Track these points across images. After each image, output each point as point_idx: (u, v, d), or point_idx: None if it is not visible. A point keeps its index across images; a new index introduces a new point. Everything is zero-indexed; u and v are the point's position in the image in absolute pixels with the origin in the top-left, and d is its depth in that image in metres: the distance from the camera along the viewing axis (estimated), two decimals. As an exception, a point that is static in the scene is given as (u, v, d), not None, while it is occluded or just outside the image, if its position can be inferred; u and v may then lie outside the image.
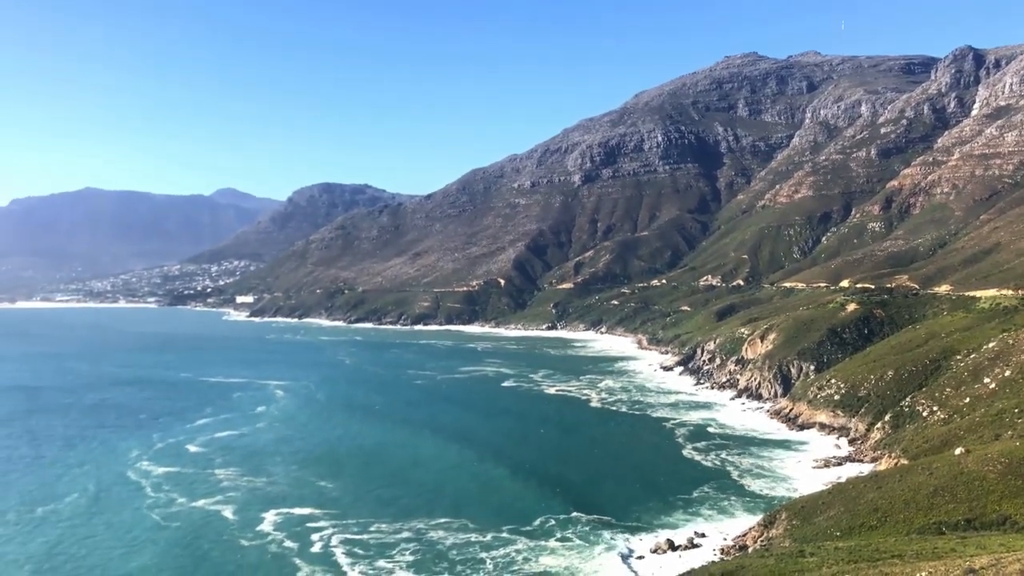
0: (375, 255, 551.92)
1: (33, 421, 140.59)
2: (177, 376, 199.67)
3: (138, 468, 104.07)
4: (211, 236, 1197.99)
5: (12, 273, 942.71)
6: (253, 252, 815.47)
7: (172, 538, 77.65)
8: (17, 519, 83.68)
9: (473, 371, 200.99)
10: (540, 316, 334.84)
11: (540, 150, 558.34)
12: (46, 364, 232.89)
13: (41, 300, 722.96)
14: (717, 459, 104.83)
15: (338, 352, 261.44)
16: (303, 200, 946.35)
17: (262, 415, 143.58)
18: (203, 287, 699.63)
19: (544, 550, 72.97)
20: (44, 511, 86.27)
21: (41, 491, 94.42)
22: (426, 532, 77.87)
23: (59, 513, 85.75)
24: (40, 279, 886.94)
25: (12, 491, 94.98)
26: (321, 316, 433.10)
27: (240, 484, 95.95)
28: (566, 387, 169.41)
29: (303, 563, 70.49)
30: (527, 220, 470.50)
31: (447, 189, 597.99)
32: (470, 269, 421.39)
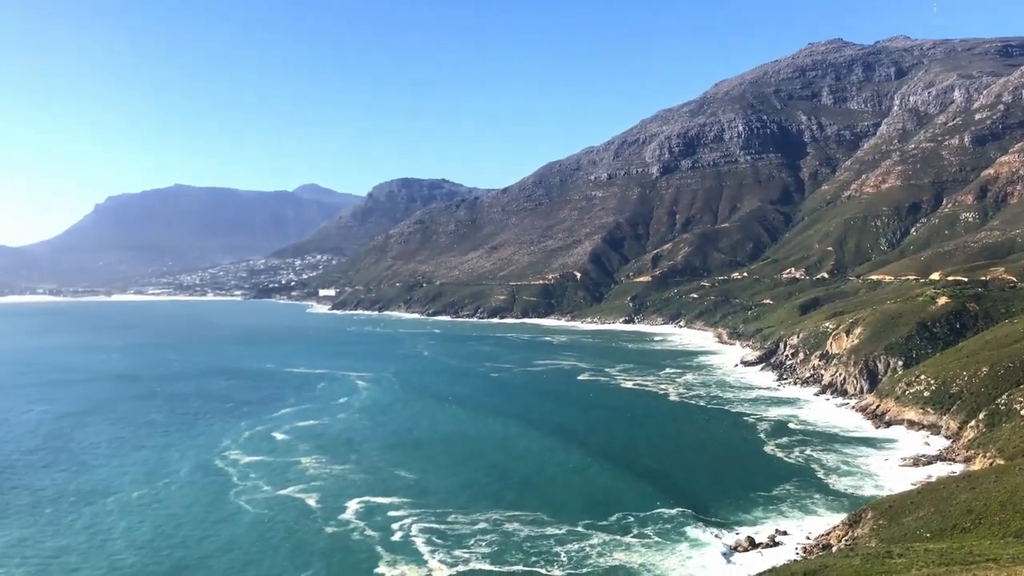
0: (452, 249, 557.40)
1: (130, 408, 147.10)
2: (263, 367, 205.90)
3: (226, 455, 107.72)
4: (295, 231, 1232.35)
5: (108, 267, 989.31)
6: (335, 246, 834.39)
7: (258, 524, 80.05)
8: (115, 502, 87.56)
9: (549, 364, 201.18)
10: (617, 309, 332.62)
11: (617, 142, 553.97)
12: (142, 355, 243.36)
13: (135, 293, 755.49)
14: (800, 456, 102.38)
15: (416, 344, 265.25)
16: (382, 195, 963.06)
17: (344, 405, 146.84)
18: (287, 280, 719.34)
19: (619, 545, 72.62)
20: (139, 495, 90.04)
21: (136, 476, 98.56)
22: (502, 523, 78.43)
23: (152, 497, 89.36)
24: (134, 273, 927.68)
25: (110, 475, 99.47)
26: (400, 309, 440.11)
27: (323, 472, 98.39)
28: (643, 381, 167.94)
29: (384, 551, 71.90)
30: (604, 213, 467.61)
31: (523, 183, 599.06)
32: (546, 262, 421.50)
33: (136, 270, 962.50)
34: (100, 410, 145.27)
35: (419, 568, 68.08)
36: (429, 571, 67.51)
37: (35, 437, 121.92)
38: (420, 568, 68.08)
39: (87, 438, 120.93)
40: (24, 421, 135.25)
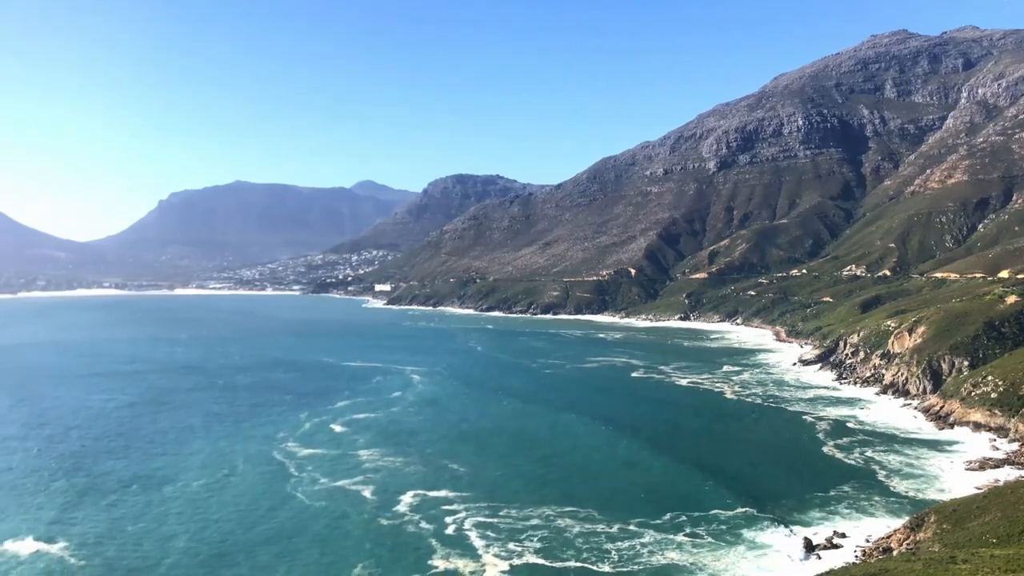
0: (506, 245, 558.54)
1: (193, 399, 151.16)
2: (320, 360, 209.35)
3: (283, 447, 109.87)
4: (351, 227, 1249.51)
5: (171, 262, 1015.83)
6: (390, 242, 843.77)
7: (313, 515, 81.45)
8: (174, 491, 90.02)
9: (602, 361, 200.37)
10: (672, 306, 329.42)
11: (673, 137, 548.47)
12: (205, 347, 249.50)
13: (196, 287, 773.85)
14: (859, 457, 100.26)
15: (469, 340, 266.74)
16: (437, 192, 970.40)
17: (399, 399, 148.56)
18: (344, 276, 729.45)
19: (671, 544, 72.17)
20: (199, 484, 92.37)
21: (197, 465, 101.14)
22: (554, 519, 78.57)
23: (210, 487, 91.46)
24: (195, 267, 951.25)
25: (172, 464, 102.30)
26: (454, 304, 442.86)
27: (379, 465, 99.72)
28: (698, 379, 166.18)
29: (438, 544, 72.65)
30: (659, 208, 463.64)
31: (577, 178, 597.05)
32: (600, 258, 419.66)
33: (198, 265, 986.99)
34: (165, 400, 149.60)
35: (473, 561, 68.62)
36: (482, 565, 68.00)
37: (107, 424, 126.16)
38: (474, 561, 68.62)
39: (152, 427, 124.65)
40: (99, 409, 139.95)
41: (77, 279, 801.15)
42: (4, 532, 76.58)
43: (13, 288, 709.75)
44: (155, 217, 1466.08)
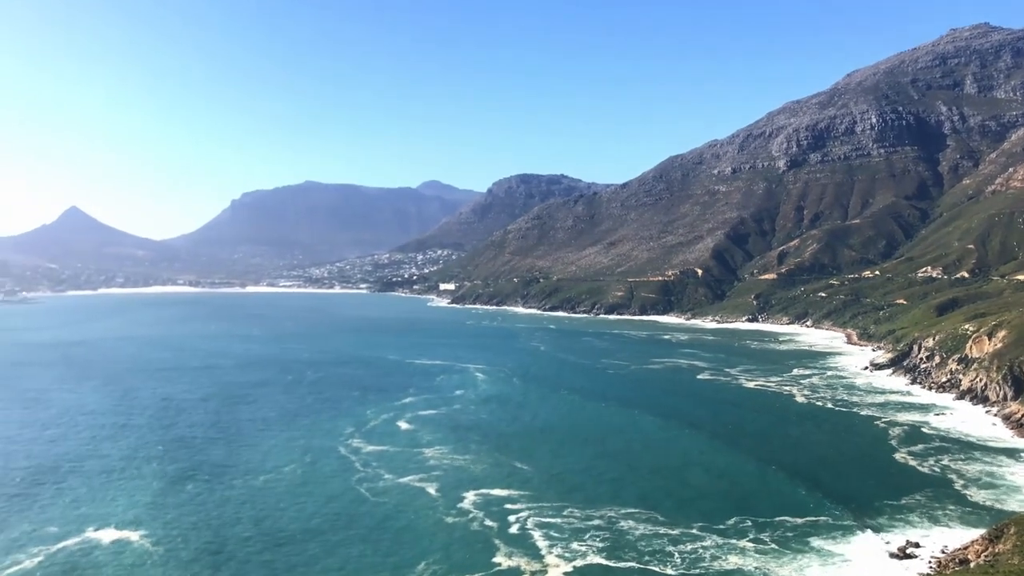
0: (570, 244, 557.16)
1: (262, 394, 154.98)
2: (386, 357, 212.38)
3: (349, 443, 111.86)
4: (417, 226, 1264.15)
5: (244, 260, 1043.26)
6: (455, 242, 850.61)
7: (378, 510, 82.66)
8: (243, 484, 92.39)
9: (667, 362, 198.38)
10: (740, 307, 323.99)
11: (742, 135, 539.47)
12: (276, 344, 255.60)
13: (267, 285, 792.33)
14: (934, 465, 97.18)
15: (532, 339, 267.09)
16: (501, 191, 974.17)
17: (463, 397, 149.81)
18: (409, 275, 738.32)
19: (734, 549, 71.19)
20: (265, 479, 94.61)
21: (264, 460, 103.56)
22: (617, 521, 78.27)
23: (278, 481, 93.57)
24: (266, 266, 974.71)
25: (239, 457, 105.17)
26: (517, 304, 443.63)
27: (443, 462, 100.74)
28: (766, 382, 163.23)
29: (502, 543, 73.07)
30: (727, 208, 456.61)
31: (643, 177, 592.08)
32: (666, 258, 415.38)
33: (269, 263, 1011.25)
34: (237, 394, 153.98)
35: (536, 561, 68.82)
36: (545, 565, 68.14)
37: (183, 417, 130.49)
38: (537, 561, 68.82)
39: (224, 420, 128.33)
40: (178, 402, 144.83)
41: (153, 276, 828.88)
42: (87, 519, 79.92)
43: (94, 285, 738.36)
44: (228, 216, 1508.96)
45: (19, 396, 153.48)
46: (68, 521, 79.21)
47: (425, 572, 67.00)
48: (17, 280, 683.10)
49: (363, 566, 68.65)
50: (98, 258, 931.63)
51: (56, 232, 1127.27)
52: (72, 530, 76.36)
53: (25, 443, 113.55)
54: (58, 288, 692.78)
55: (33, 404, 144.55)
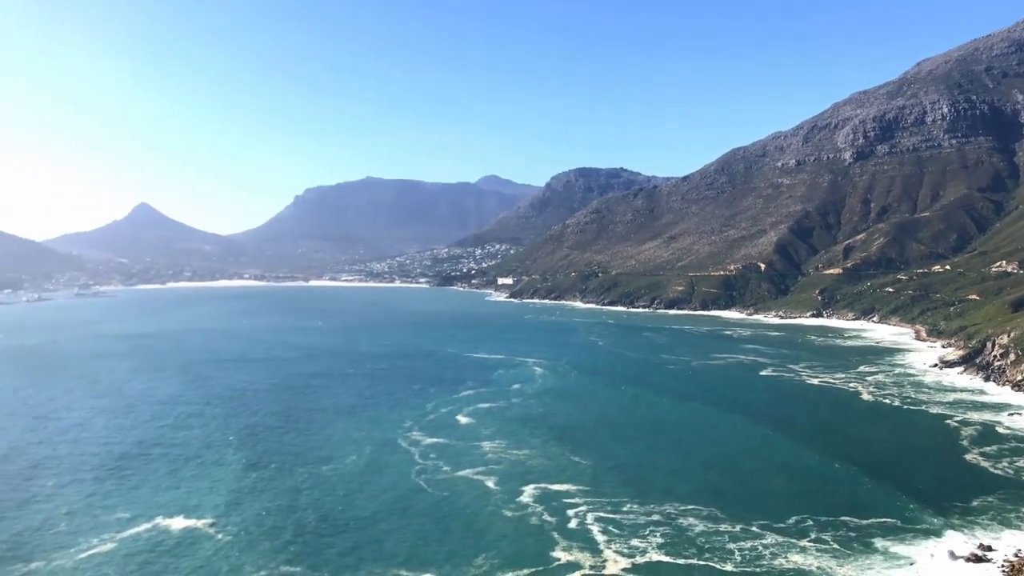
0: (629, 238, 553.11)
1: (324, 385, 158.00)
2: (445, 351, 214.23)
3: (409, 435, 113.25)
4: (476, 221, 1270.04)
5: (307, 255, 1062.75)
6: (513, 236, 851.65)
7: (437, 503, 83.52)
8: (307, 473, 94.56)
9: (728, 358, 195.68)
10: (803, 303, 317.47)
11: (806, 127, 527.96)
12: (338, 337, 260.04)
13: (329, 279, 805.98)
14: (1008, 466, 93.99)
15: (591, 334, 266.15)
16: (560, 185, 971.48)
17: (521, 391, 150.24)
18: (468, 269, 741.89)
19: (795, 548, 70.13)
20: (327, 469, 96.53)
21: (326, 450, 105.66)
22: (676, 517, 77.76)
23: (339, 472, 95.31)
24: (329, 260, 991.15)
25: (301, 447, 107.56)
26: (575, 298, 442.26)
27: (501, 456, 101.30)
28: (830, 379, 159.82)
29: (561, 537, 73.22)
30: (791, 201, 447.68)
31: (705, 170, 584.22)
32: (727, 252, 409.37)
33: (331, 257, 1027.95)
34: (301, 385, 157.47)
35: (594, 556, 68.83)
36: (604, 560, 68.11)
37: (250, 407, 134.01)
38: (595, 556, 68.82)
39: (288, 411, 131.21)
40: (248, 392, 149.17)
41: (220, 270, 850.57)
42: (158, 506, 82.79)
43: (163, 279, 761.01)
44: (291, 212, 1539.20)
45: (96, 385, 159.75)
46: (140, 507, 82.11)
47: (484, 564, 67.55)
48: (91, 274, 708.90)
49: (422, 556, 69.52)
50: (167, 253, 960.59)
51: (127, 228, 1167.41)
52: (143, 516, 79.12)
53: (100, 431, 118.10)
54: (129, 282, 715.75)
55: (110, 393, 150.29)
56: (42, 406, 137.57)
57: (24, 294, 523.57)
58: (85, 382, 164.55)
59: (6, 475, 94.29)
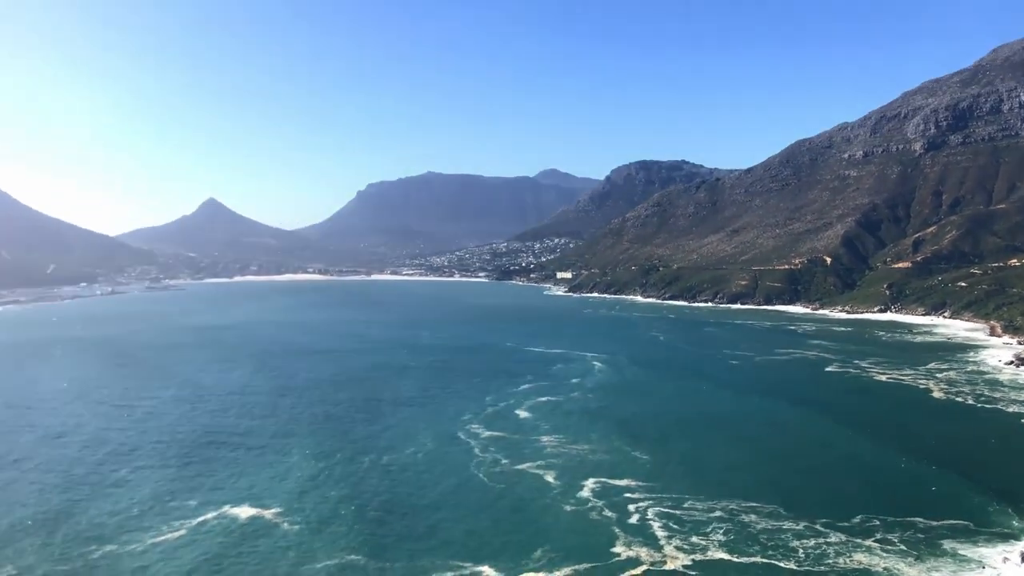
0: (691, 232, 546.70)
1: (386, 377, 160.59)
2: (504, 345, 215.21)
3: (468, 428, 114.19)
4: (535, 215, 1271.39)
5: (369, 249, 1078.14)
6: (572, 230, 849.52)
7: (497, 496, 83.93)
8: (369, 464, 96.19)
9: (792, 353, 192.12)
10: (871, 297, 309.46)
11: (874, 117, 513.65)
12: (400, 330, 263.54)
13: (390, 273, 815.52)
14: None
15: (651, 328, 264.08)
16: (620, 179, 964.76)
17: (580, 385, 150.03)
18: (526, 263, 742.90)
19: (860, 547, 68.69)
20: (388, 460, 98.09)
21: (388, 442, 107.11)
22: (738, 513, 76.89)
23: (399, 463, 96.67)
24: (390, 255, 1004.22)
25: (362, 438, 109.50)
26: (635, 293, 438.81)
27: (561, 450, 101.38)
28: (899, 375, 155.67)
29: (621, 532, 73.05)
30: (858, 194, 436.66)
31: (768, 162, 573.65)
32: (792, 246, 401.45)
33: (392, 252, 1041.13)
34: (364, 377, 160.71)
35: (655, 552, 68.53)
36: (664, 556, 67.77)
37: (315, 397, 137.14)
38: (656, 552, 68.51)
39: (350, 402, 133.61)
40: (311, 382, 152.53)
41: (285, 264, 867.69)
42: (228, 494, 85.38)
43: (230, 272, 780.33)
44: (354, 207, 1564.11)
45: (170, 376, 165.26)
46: (210, 495, 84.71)
47: (542, 558, 67.75)
48: (161, 268, 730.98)
49: (480, 547, 70.03)
50: (234, 247, 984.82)
51: (196, 223, 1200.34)
52: (212, 503, 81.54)
53: (173, 420, 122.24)
54: (197, 276, 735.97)
55: (183, 383, 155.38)
56: (120, 396, 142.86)
57: (99, 287, 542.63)
58: (160, 372, 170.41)
59: (87, 461, 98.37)
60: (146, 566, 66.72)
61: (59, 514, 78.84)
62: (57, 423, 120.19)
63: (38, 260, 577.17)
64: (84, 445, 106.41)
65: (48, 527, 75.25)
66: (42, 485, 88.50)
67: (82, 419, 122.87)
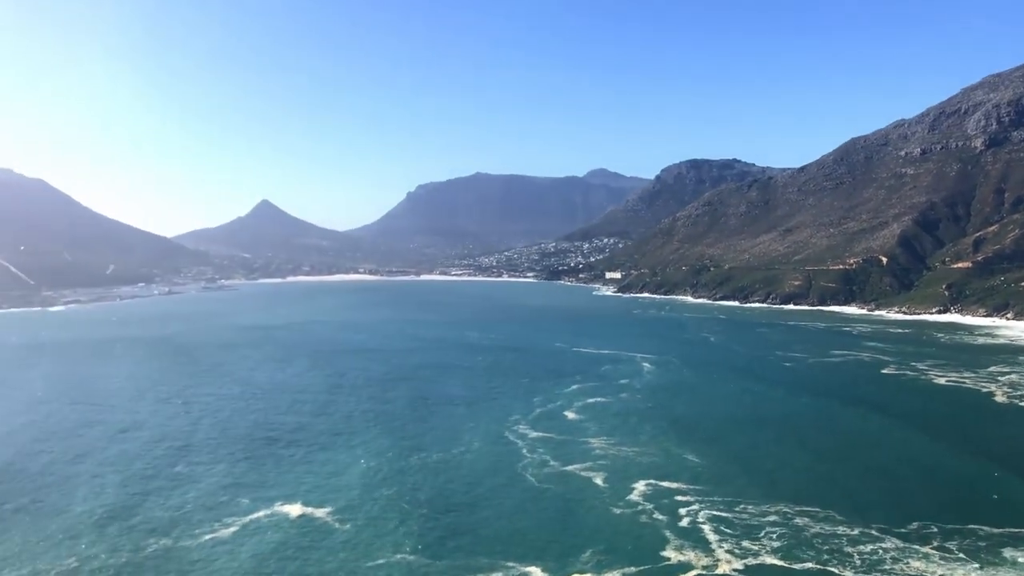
0: (742, 231, 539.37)
1: (434, 376, 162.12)
2: (552, 345, 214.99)
3: (516, 429, 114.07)
4: (583, 215, 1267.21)
5: (418, 250, 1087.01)
6: (621, 230, 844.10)
7: (543, 497, 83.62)
8: (419, 462, 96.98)
9: (847, 355, 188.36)
10: (929, 298, 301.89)
11: (933, 113, 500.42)
12: (448, 329, 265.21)
13: (439, 273, 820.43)
14: None
15: (702, 329, 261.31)
16: (670, 178, 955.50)
17: (630, 386, 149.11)
18: (575, 263, 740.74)
19: (916, 554, 66.99)
20: (436, 459, 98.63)
21: (436, 441, 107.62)
22: (792, 517, 75.65)
23: (448, 463, 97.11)
24: (439, 255, 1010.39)
25: (411, 436, 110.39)
26: (686, 293, 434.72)
27: (610, 452, 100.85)
28: (959, 378, 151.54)
29: (672, 535, 72.32)
30: (915, 192, 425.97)
31: (822, 160, 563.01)
32: (847, 246, 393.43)
33: (441, 252, 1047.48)
34: (412, 376, 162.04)
35: (706, 556, 67.76)
36: (716, 560, 66.97)
37: (364, 395, 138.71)
38: (707, 556, 67.74)
39: (399, 401, 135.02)
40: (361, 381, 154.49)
41: (337, 265, 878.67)
42: (279, 492, 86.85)
43: (283, 273, 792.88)
44: (404, 208, 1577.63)
45: (227, 374, 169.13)
46: (263, 492, 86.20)
47: (591, 560, 67.43)
48: (216, 269, 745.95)
49: (528, 548, 69.85)
50: (287, 248, 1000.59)
51: (249, 224, 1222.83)
52: (265, 501, 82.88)
53: (229, 417, 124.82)
54: (251, 276, 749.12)
55: (239, 382, 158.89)
56: (177, 393, 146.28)
57: (156, 287, 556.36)
58: (216, 370, 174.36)
59: (146, 456, 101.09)
60: (198, 559, 68.22)
61: (119, 508, 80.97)
62: (120, 419, 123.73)
63: (98, 261, 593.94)
64: (145, 441, 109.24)
65: (108, 521, 77.33)
66: (104, 480, 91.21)
67: (142, 416, 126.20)
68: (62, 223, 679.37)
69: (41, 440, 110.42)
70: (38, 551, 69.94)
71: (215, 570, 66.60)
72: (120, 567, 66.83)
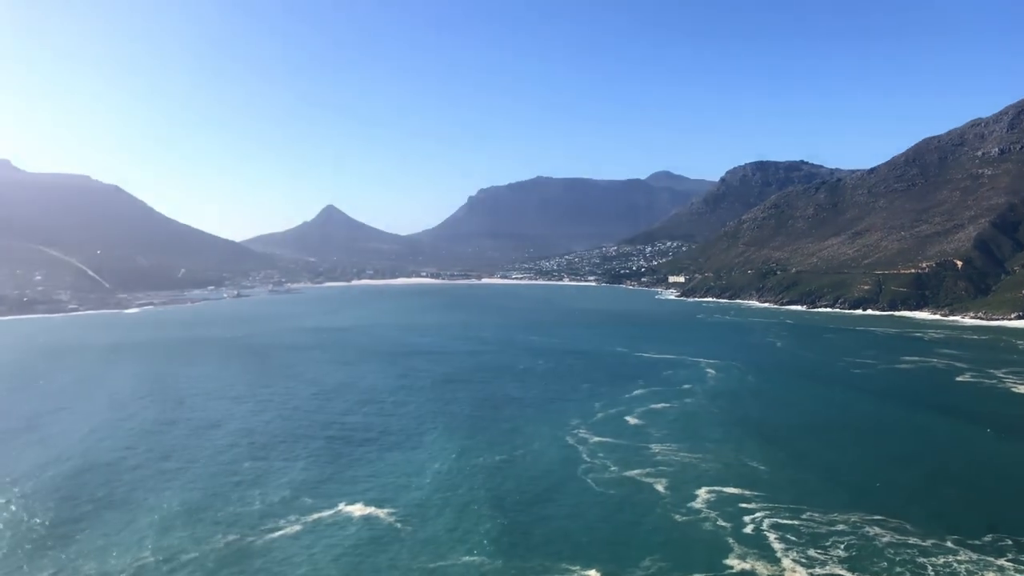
0: (810, 234, 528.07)
1: (495, 379, 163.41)
2: (614, 350, 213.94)
3: (577, 433, 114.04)
4: (646, 218, 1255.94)
5: (479, 253, 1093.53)
6: (685, 233, 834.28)
7: (603, 502, 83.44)
8: (482, 464, 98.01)
9: (919, 362, 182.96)
10: (1008, 303, 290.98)
11: (1012, 112, 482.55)
12: (510, 332, 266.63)
13: (500, 277, 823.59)
14: None
15: (767, 334, 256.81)
16: (735, 180, 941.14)
17: (692, 391, 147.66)
18: (637, 267, 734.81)
19: (991, 567, 65.17)
20: (499, 460, 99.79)
21: (499, 445, 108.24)
22: (861, 527, 74.08)
23: (510, 465, 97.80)
24: (500, 259, 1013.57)
25: (471, 438, 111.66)
26: (751, 297, 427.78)
27: (672, 458, 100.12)
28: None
29: (736, 543, 71.54)
30: (993, 193, 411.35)
31: (894, 161, 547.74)
32: (919, 249, 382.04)
33: (502, 256, 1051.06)
34: (472, 379, 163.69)
35: (771, 565, 66.86)
36: (781, 569, 66.03)
37: (428, 396, 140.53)
38: (772, 565, 66.84)
39: (461, 402, 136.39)
40: (423, 382, 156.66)
41: (399, 269, 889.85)
42: (342, 491, 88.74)
43: (347, 276, 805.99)
44: (465, 212, 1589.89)
45: (299, 375, 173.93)
46: (327, 492, 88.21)
47: (651, 567, 67.12)
48: (283, 272, 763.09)
49: (587, 553, 69.73)
50: (351, 252, 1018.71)
51: (315, 229, 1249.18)
52: (329, 501, 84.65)
53: (296, 418, 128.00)
54: (316, 280, 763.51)
55: (308, 382, 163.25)
56: (250, 394, 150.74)
57: (225, 290, 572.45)
58: (287, 371, 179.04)
59: (227, 454, 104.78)
60: (280, 556, 70.23)
61: (206, 503, 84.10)
62: (199, 418, 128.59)
63: (171, 264, 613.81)
64: (223, 440, 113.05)
65: (195, 515, 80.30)
66: (189, 475, 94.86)
67: (218, 415, 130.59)
68: (136, 228, 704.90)
69: (130, 437, 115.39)
70: (131, 542, 73.15)
71: (293, 565, 68.47)
72: (206, 559, 69.34)
